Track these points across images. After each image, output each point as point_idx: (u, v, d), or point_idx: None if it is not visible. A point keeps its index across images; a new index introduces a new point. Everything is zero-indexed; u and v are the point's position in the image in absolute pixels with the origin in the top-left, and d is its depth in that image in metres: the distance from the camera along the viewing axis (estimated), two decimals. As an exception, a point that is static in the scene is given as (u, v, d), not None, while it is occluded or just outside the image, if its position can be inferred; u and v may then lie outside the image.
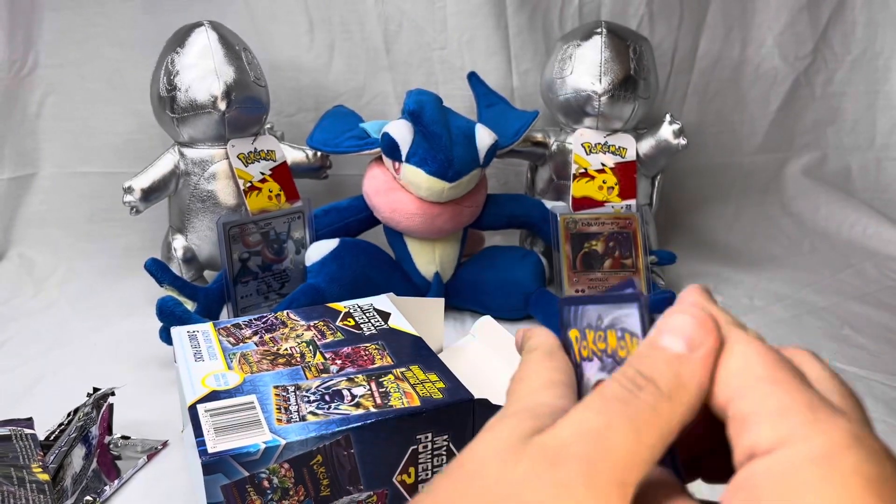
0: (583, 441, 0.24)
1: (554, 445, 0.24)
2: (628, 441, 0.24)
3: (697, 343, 0.25)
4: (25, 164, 1.16)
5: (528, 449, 0.25)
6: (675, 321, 0.26)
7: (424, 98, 0.90)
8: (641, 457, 0.24)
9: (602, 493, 0.23)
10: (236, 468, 0.53)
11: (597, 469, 0.23)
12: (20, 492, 0.57)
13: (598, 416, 0.24)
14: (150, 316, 0.83)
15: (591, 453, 0.23)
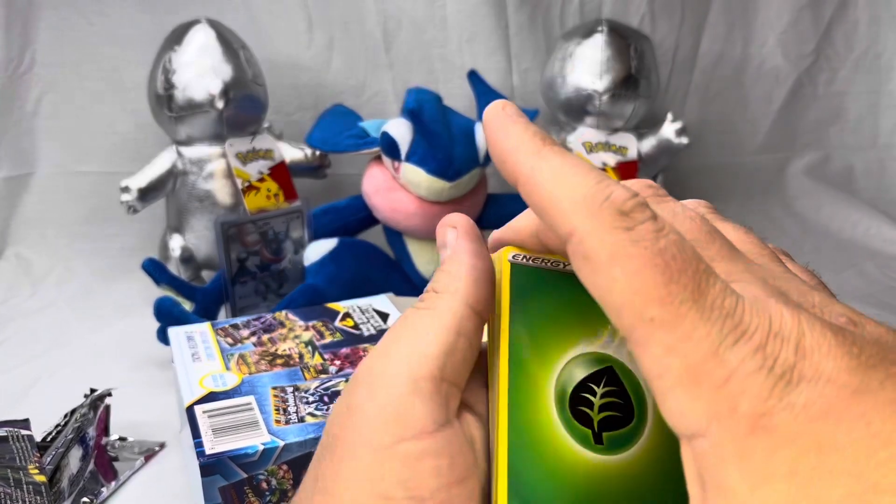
0: (368, 358, 0.28)
1: (355, 370, 0.29)
2: (411, 345, 0.27)
3: (447, 247, 0.29)
4: (22, 163, 1.15)
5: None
6: (438, 238, 0.30)
7: (424, 97, 0.89)
8: (426, 352, 0.26)
9: (412, 387, 0.26)
10: (234, 469, 0.53)
11: (374, 376, 0.27)
12: (16, 493, 0.57)
13: (387, 335, 0.28)
14: (148, 316, 0.83)
15: (369, 366, 0.27)
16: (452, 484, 0.26)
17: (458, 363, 0.27)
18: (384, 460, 0.25)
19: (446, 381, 0.27)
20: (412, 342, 0.27)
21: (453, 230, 0.30)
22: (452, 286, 0.28)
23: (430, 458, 0.25)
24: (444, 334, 0.27)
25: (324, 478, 0.26)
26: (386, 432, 0.25)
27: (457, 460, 0.26)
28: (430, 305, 0.28)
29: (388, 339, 0.28)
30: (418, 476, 0.25)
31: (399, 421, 0.25)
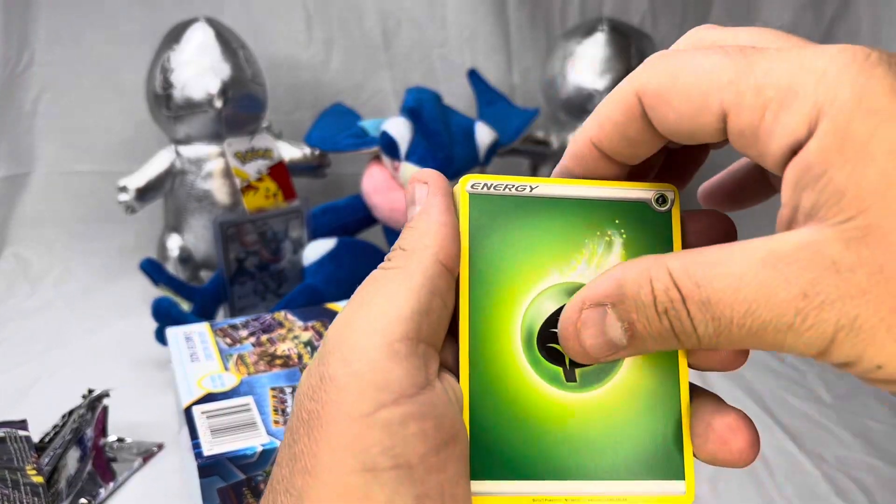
0: (335, 327, 0.27)
1: (322, 341, 0.27)
2: (382, 307, 0.26)
3: (417, 204, 0.29)
4: (20, 162, 1.15)
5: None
6: (408, 194, 0.29)
7: (424, 96, 0.89)
8: (399, 314, 0.26)
9: (388, 351, 0.25)
10: (233, 471, 0.52)
11: (347, 345, 0.25)
12: (14, 494, 0.57)
13: (353, 300, 0.27)
14: (146, 316, 0.83)
15: (340, 335, 0.26)
16: (440, 446, 0.25)
17: (433, 323, 0.26)
18: (366, 430, 0.24)
19: (423, 343, 0.26)
20: (384, 305, 0.26)
21: (424, 185, 0.29)
22: (422, 243, 0.27)
23: (413, 422, 0.24)
24: (416, 294, 0.26)
25: (302, 456, 0.25)
26: (365, 400, 0.24)
27: (442, 422, 0.25)
28: (399, 265, 0.27)
29: (356, 303, 0.27)
30: (404, 442, 0.24)
31: (377, 387, 0.24)
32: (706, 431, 0.27)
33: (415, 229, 0.28)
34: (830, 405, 0.78)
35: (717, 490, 0.65)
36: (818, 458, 0.69)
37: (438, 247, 0.27)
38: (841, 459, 0.69)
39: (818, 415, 0.76)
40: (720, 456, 0.27)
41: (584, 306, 0.26)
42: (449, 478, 0.25)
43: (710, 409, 0.28)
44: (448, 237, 0.27)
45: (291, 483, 0.25)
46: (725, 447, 0.27)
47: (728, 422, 0.27)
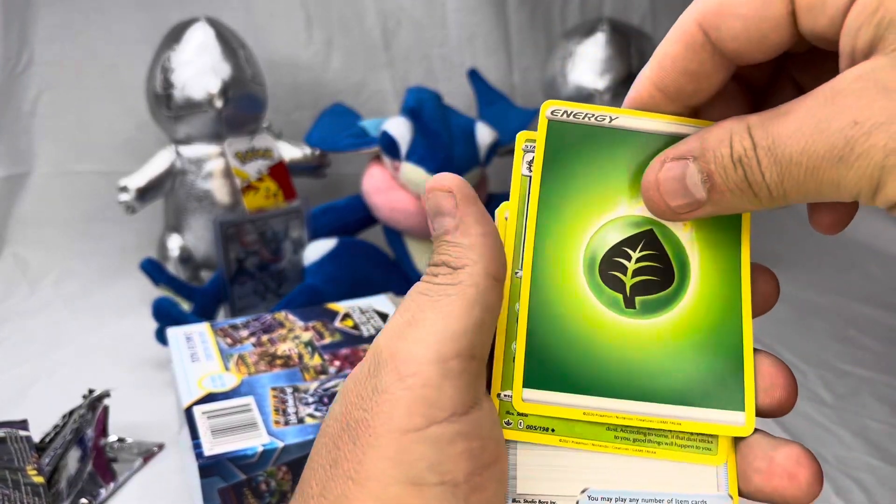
0: (388, 339, 0.27)
1: (371, 351, 0.27)
2: (437, 324, 0.26)
3: (447, 215, 0.28)
4: (20, 162, 1.15)
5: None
6: (430, 203, 0.29)
7: (424, 96, 0.89)
8: (454, 330, 0.25)
9: (442, 369, 0.25)
10: (233, 471, 0.52)
11: (400, 359, 0.25)
12: (15, 494, 0.57)
13: (402, 315, 0.27)
14: (146, 317, 0.82)
15: (394, 348, 0.26)
16: (485, 466, 0.25)
17: (484, 339, 0.27)
18: (414, 444, 0.24)
19: (475, 359, 0.26)
20: (438, 320, 0.26)
21: (449, 195, 0.28)
22: (469, 258, 0.27)
23: (461, 440, 0.25)
24: (469, 310, 0.26)
25: (345, 462, 0.25)
26: (416, 415, 0.24)
27: (488, 443, 0.26)
28: (450, 280, 0.27)
29: (408, 316, 0.27)
30: (451, 460, 0.24)
31: (429, 403, 0.25)
32: (770, 466, 0.27)
33: (458, 246, 0.28)
34: (830, 405, 0.78)
35: (718, 490, 0.65)
36: (818, 458, 0.69)
37: (487, 260, 0.27)
38: (841, 459, 0.69)
39: (818, 415, 0.76)
40: (788, 492, 0.27)
41: (666, 159, 0.27)
42: (490, 497, 0.25)
43: (769, 442, 0.28)
44: (493, 247, 0.27)
45: (328, 487, 0.25)
46: (794, 482, 0.26)
47: (792, 454, 0.27)
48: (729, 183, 0.25)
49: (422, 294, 0.27)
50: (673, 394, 0.27)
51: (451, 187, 0.28)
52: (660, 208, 0.27)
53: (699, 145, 0.26)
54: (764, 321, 0.98)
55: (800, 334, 0.93)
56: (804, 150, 0.23)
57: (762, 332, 0.93)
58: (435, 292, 0.27)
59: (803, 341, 0.91)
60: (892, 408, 0.78)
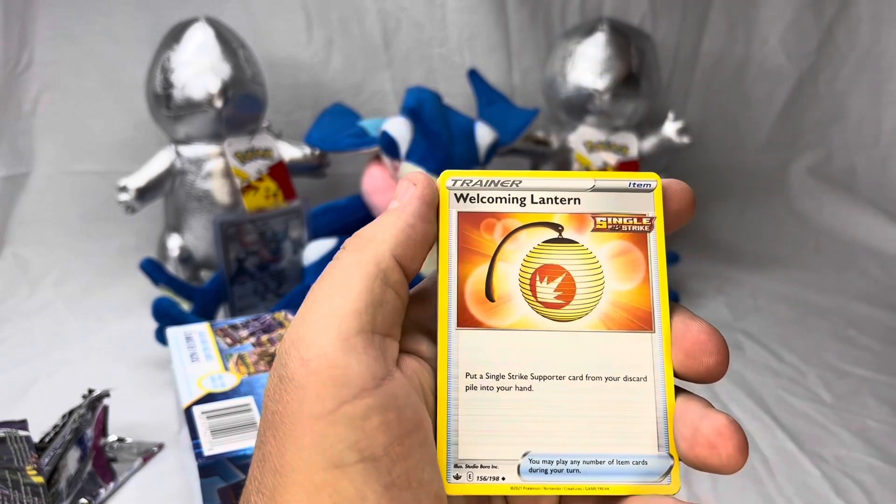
0: (292, 326, 0.27)
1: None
2: (335, 302, 0.26)
3: (397, 198, 0.29)
4: (20, 162, 1.15)
5: None
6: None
7: (424, 96, 0.89)
8: (355, 308, 0.26)
9: (344, 346, 0.25)
10: (233, 471, 0.52)
11: (303, 344, 0.26)
12: (14, 494, 0.57)
13: (307, 299, 0.28)
14: (146, 317, 0.82)
15: (295, 335, 0.26)
16: (404, 435, 0.25)
17: (388, 313, 0.27)
18: (329, 427, 0.24)
19: (378, 334, 0.26)
20: (337, 299, 0.26)
21: (413, 187, 0.29)
22: (381, 235, 0.27)
23: (375, 414, 0.25)
24: (369, 285, 0.26)
25: (270, 457, 0.25)
26: (326, 398, 0.24)
27: (404, 411, 0.25)
28: (353, 253, 0.27)
29: (311, 299, 0.27)
30: (368, 435, 0.24)
31: (337, 384, 0.24)
32: (693, 435, 0.27)
33: (380, 221, 0.28)
34: (830, 405, 0.78)
35: (718, 490, 0.65)
36: (818, 458, 0.69)
37: (396, 243, 0.27)
38: (841, 459, 0.69)
39: (818, 415, 0.76)
40: (710, 461, 0.27)
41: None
42: (415, 464, 0.25)
43: (698, 411, 0.27)
44: (410, 240, 0.28)
45: (262, 483, 0.25)
46: (714, 452, 0.26)
47: (715, 425, 0.27)
48: None
49: (327, 272, 0.28)
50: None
51: (416, 181, 0.29)
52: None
53: None
54: (763, 320, 0.98)
55: (800, 334, 0.93)
56: None
57: (762, 332, 0.93)
58: (337, 267, 0.27)
59: (803, 341, 0.91)
60: (892, 408, 0.78)
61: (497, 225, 0.29)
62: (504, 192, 0.30)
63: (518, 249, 0.29)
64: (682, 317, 0.29)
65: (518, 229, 0.29)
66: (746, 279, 1.10)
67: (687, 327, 0.28)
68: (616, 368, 0.28)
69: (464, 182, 0.30)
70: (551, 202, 0.30)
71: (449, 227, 0.29)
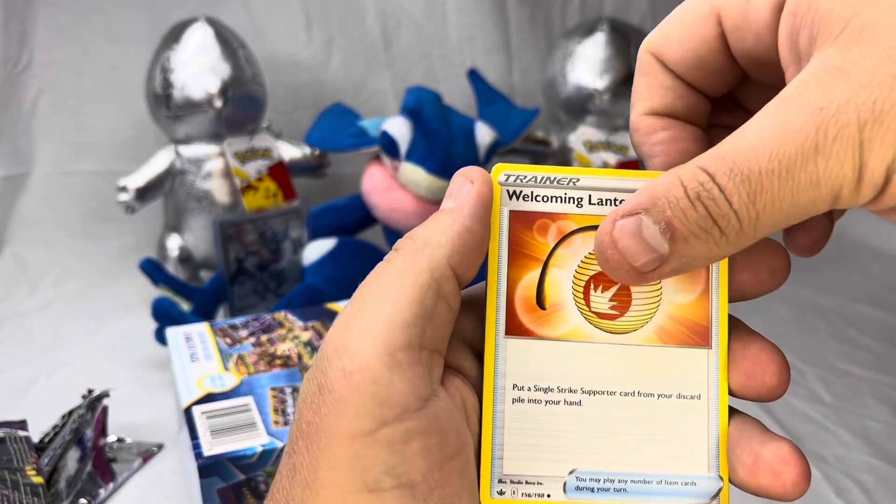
0: (335, 332, 0.25)
1: (322, 345, 0.26)
2: (384, 312, 0.24)
3: (452, 197, 0.27)
4: (19, 162, 1.15)
5: None
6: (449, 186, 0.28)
7: (423, 95, 0.89)
8: (403, 319, 0.24)
9: (389, 362, 0.24)
10: (233, 471, 0.52)
11: (346, 354, 0.24)
12: (14, 495, 0.57)
13: (353, 302, 0.26)
14: (146, 316, 0.82)
15: (339, 342, 0.25)
16: (445, 460, 0.24)
17: (438, 328, 0.25)
18: (367, 448, 0.23)
19: (426, 349, 0.25)
20: (386, 307, 0.24)
21: (469, 184, 0.27)
22: (436, 240, 0.26)
23: (417, 438, 0.23)
24: (421, 296, 0.24)
25: (302, 469, 0.24)
26: (366, 416, 0.23)
27: (447, 435, 0.24)
28: (405, 257, 0.26)
29: (357, 304, 0.25)
30: (406, 461, 0.23)
31: (379, 402, 0.23)
32: (755, 462, 0.26)
33: (434, 223, 0.26)
34: (830, 405, 0.78)
35: (718, 490, 0.65)
36: (818, 458, 0.69)
37: (452, 249, 0.26)
38: (841, 459, 0.69)
39: (818, 415, 0.76)
40: (772, 490, 0.26)
41: (616, 217, 0.25)
42: (453, 491, 0.24)
43: (758, 436, 0.27)
44: (467, 245, 0.26)
45: (291, 495, 0.24)
46: (778, 480, 0.25)
47: (779, 452, 0.26)
48: (690, 225, 0.23)
49: (376, 275, 0.26)
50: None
51: (474, 178, 0.27)
52: (622, 269, 0.25)
53: (647, 196, 0.24)
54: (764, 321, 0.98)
55: (800, 334, 0.93)
56: (773, 155, 0.22)
57: (763, 332, 0.93)
58: (388, 273, 0.26)
59: (803, 341, 0.91)
60: (893, 408, 0.78)
61: (551, 227, 0.28)
62: (560, 190, 0.28)
63: (573, 254, 0.28)
64: (741, 333, 0.28)
65: (573, 232, 0.28)
66: (746, 279, 1.10)
67: (746, 345, 0.27)
68: (670, 385, 0.28)
69: (517, 178, 0.28)
70: (610, 203, 0.28)
71: (500, 227, 0.28)
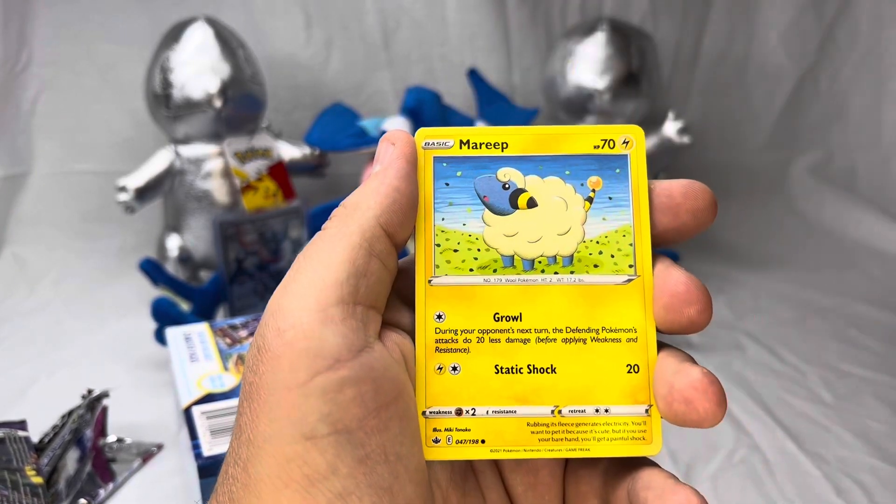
0: (273, 297, 0.26)
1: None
2: (317, 273, 0.26)
3: (378, 162, 0.28)
4: (19, 162, 1.15)
5: None
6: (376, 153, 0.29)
7: (423, 95, 0.89)
8: (335, 278, 0.25)
9: (321, 317, 0.25)
10: (232, 472, 0.52)
11: (280, 314, 0.25)
12: (14, 495, 0.57)
13: (290, 270, 0.27)
14: (145, 317, 0.82)
15: (275, 305, 0.26)
16: (381, 408, 0.25)
17: (372, 284, 0.26)
18: (302, 398, 0.24)
19: (360, 305, 0.25)
20: (319, 269, 0.25)
21: (392, 147, 0.28)
22: (365, 203, 0.27)
23: (349, 387, 0.24)
24: (352, 255, 0.26)
25: (246, 428, 0.25)
26: (299, 369, 0.24)
27: (382, 384, 0.25)
28: (338, 223, 0.27)
29: (294, 270, 0.26)
30: (341, 407, 0.24)
31: (311, 355, 0.24)
32: (670, 392, 0.26)
33: (364, 188, 0.27)
34: (830, 405, 0.78)
35: (718, 490, 0.65)
36: (818, 459, 0.69)
37: (381, 209, 0.26)
38: (841, 459, 0.69)
39: (818, 415, 0.76)
40: (687, 417, 0.26)
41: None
42: (392, 437, 0.25)
43: (673, 367, 0.27)
44: (396, 203, 0.27)
45: (238, 454, 0.25)
46: (691, 407, 0.26)
47: (692, 381, 0.26)
48: None
49: (311, 244, 0.27)
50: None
51: (395, 140, 0.28)
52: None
53: None
54: (764, 321, 0.97)
55: (800, 334, 0.93)
56: None
57: (763, 332, 0.93)
58: (321, 238, 0.27)
59: (804, 341, 0.91)
60: (893, 408, 0.78)
61: None
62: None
63: None
64: (660, 266, 0.28)
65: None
66: (746, 279, 1.10)
67: (664, 279, 0.28)
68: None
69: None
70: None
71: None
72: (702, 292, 0.27)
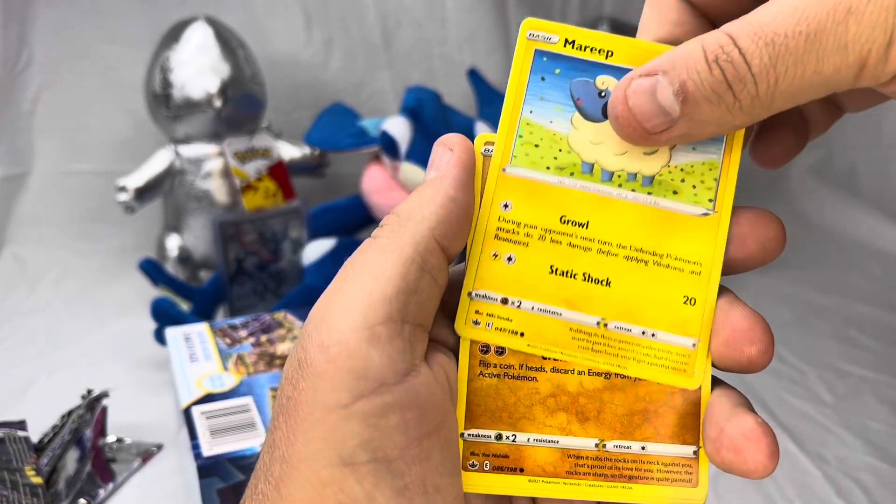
0: (317, 308, 0.25)
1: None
2: (365, 287, 0.24)
3: (434, 168, 0.27)
4: (19, 162, 1.15)
5: None
6: (431, 157, 0.28)
7: (423, 95, 0.89)
8: (384, 293, 0.24)
9: (368, 335, 0.24)
10: (232, 471, 0.52)
11: (324, 328, 0.24)
12: (13, 495, 0.57)
13: (336, 279, 0.25)
14: (145, 317, 0.82)
15: (319, 317, 0.24)
16: (423, 436, 0.24)
17: (422, 302, 0.24)
18: (343, 422, 0.23)
19: (409, 323, 0.24)
20: (367, 282, 0.24)
21: (449, 153, 0.27)
22: (420, 213, 0.25)
23: (394, 413, 0.23)
24: (404, 270, 0.24)
25: (281, 444, 0.24)
26: (342, 390, 0.23)
27: (426, 410, 0.24)
28: (390, 233, 0.25)
29: (340, 279, 0.25)
30: (383, 434, 0.23)
31: (356, 375, 0.23)
32: (719, 437, 0.25)
33: (419, 196, 0.26)
34: (830, 405, 0.78)
35: (717, 490, 0.65)
36: (819, 459, 0.69)
37: (437, 221, 0.25)
38: (841, 459, 0.69)
39: (818, 415, 0.76)
40: (735, 466, 0.25)
41: (634, 76, 0.25)
42: (433, 467, 0.24)
43: (726, 411, 0.26)
44: (452, 214, 0.25)
45: (270, 470, 0.24)
46: (740, 457, 0.24)
47: (744, 429, 0.25)
48: (704, 89, 0.23)
49: (361, 250, 0.25)
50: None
51: (452, 145, 0.27)
52: (630, 128, 0.25)
53: (668, 58, 0.24)
54: (764, 321, 0.96)
55: (800, 334, 0.93)
56: (801, 18, 0.21)
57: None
58: (371, 248, 0.25)
59: (804, 341, 0.91)
60: (893, 408, 0.77)
61: None
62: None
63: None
64: (724, 300, 0.27)
65: None
66: (746, 279, 1.10)
67: (727, 314, 0.26)
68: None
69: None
70: None
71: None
72: (765, 332, 0.26)
